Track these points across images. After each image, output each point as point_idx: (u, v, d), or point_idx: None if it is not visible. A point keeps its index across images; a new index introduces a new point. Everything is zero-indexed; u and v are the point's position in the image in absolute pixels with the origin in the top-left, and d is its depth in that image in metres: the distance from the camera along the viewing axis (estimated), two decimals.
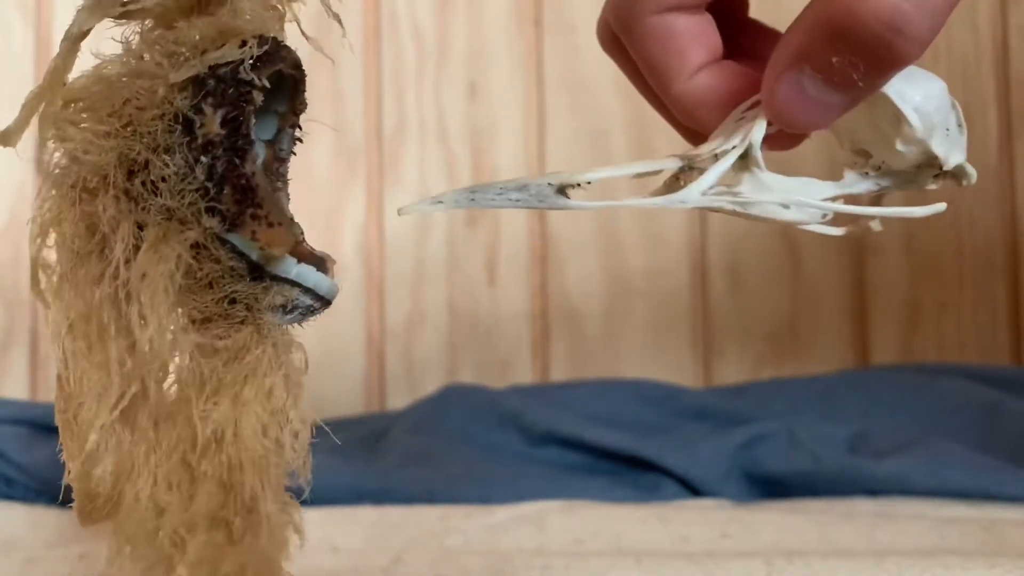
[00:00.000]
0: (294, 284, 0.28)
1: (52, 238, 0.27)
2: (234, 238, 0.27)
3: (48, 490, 0.59)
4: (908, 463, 0.59)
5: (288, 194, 0.30)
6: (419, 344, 0.82)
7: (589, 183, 0.29)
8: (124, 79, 0.27)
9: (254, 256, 0.27)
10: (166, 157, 0.26)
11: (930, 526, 0.51)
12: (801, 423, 0.65)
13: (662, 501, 0.60)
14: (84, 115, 0.27)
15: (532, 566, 0.44)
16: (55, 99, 0.27)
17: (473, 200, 0.29)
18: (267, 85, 0.27)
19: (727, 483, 0.61)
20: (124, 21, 0.27)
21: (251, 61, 0.26)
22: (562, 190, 0.29)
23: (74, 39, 0.27)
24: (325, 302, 0.29)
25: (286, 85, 0.29)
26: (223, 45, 0.27)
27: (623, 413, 0.69)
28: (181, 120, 0.26)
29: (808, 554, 0.44)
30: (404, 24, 0.83)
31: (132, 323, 0.27)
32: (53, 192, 0.27)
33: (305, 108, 0.30)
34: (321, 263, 0.29)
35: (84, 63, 0.27)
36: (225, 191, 0.26)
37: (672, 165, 0.30)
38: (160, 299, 0.26)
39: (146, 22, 0.27)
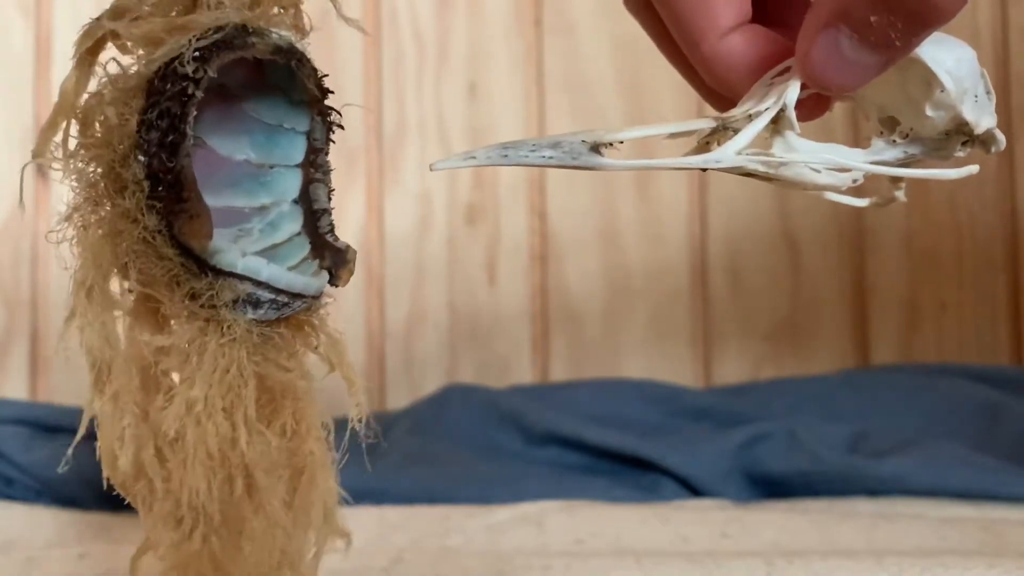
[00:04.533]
0: (243, 278, 0.28)
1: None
2: (176, 233, 0.27)
3: (48, 490, 0.59)
4: (908, 463, 0.59)
5: (329, 185, 0.30)
6: (419, 344, 0.82)
7: (622, 142, 0.29)
8: (104, 92, 0.27)
9: (195, 250, 0.27)
10: (127, 162, 0.27)
11: (930, 526, 0.51)
12: (801, 423, 0.65)
13: (662, 501, 0.60)
14: (84, 135, 0.27)
15: (532, 566, 0.44)
16: (67, 121, 0.27)
17: (506, 156, 0.28)
18: (212, 75, 0.26)
19: (727, 483, 0.61)
20: (118, 40, 0.28)
21: (195, 54, 0.26)
22: (596, 148, 0.29)
23: (79, 61, 0.28)
24: (297, 296, 0.28)
25: (297, 72, 0.29)
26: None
27: (623, 413, 0.69)
28: (134, 125, 0.27)
29: (808, 554, 0.44)
30: (404, 24, 0.83)
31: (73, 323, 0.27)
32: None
33: (324, 93, 0.29)
34: (339, 254, 0.29)
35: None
36: (159, 188, 0.27)
37: (706, 125, 0.30)
38: (84, 296, 0.27)
39: (132, 32, 0.27)
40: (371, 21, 0.83)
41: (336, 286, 0.30)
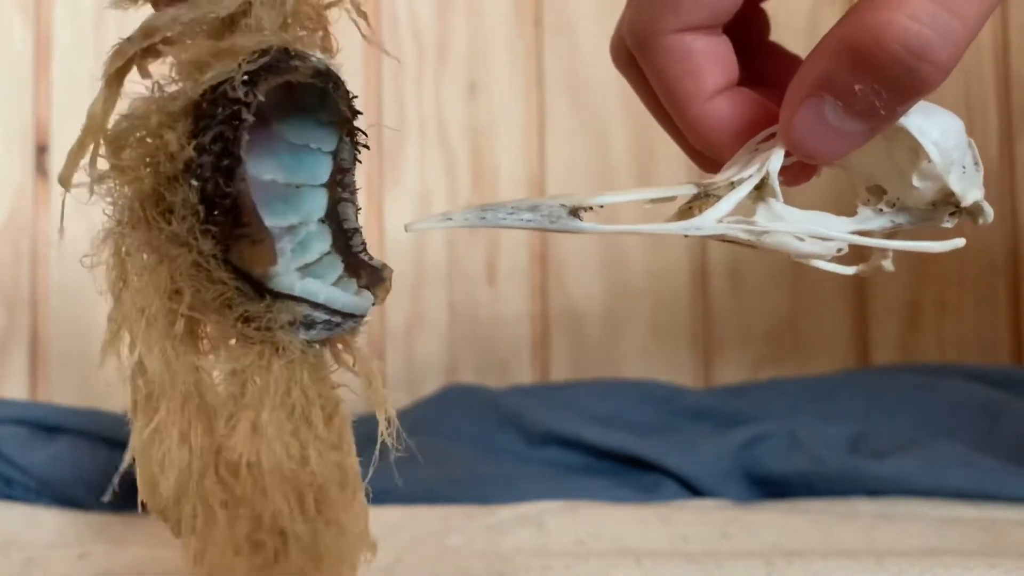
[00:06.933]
0: (301, 300, 0.28)
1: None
2: (233, 257, 0.27)
3: (48, 490, 0.59)
4: (908, 463, 0.59)
5: (356, 204, 0.30)
6: (419, 344, 0.82)
7: (602, 207, 0.29)
8: (144, 115, 0.27)
9: (254, 274, 0.27)
10: (174, 186, 0.27)
11: (930, 526, 0.51)
12: (801, 423, 0.65)
13: (662, 501, 0.60)
14: (116, 157, 0.27)
15: (532, 567, 0.44)
16: (97, 143, 0.27)
17: (484, 218, 0.28)
18: (261, 99, 0.26)
19: (727, 483, 0.61)
20: (152, 59, 0.28)
21: (244, 77, 0.26)
22: (575, 212, 0.29)
23: (108, 82, 0.27)
24: (350, 316, 0.29)
25: (328, 94, 0.29)
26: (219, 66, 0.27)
27: (623, 413, 0.69)
28: (180, 148, 0.27)
29: (808, 554, 0.44)
30: (404, 24, 0.83)
31: (122, 349, 0.27)
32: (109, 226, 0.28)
33: (355, 114, 0.29)
34: (374, 273, 0.30)
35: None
36: (215, 212, 0.27)
37: (687, 191, 0.30)
38: (140, 323, 0.26)
39: (179, 56, 0.27)
40: (371, 21, 0.83)
41: (374, 304, 0.30)
